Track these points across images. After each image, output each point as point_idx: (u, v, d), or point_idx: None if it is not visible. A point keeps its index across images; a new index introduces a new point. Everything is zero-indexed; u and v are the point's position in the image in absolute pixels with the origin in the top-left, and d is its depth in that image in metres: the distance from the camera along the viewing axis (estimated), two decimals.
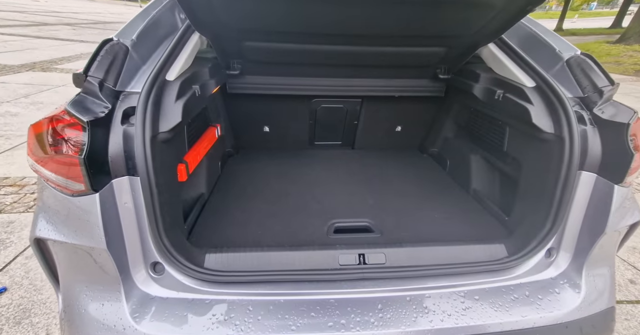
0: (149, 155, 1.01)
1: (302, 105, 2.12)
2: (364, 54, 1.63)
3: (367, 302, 1.13)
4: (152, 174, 1.02)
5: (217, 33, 1.42)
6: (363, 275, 1.17)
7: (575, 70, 1.25)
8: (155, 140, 1.06)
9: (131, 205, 1.03)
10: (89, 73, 0.99)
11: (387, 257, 1.24)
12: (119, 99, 1.06)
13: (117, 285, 1.01)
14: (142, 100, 1.02)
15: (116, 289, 1.01)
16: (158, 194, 1.04)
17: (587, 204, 1.17)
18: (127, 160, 1.00)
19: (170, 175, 1.18)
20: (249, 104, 2.10)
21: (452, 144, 2.08)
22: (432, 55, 1.67)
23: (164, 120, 1.10)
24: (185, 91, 1.24)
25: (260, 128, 2.26)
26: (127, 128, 1.02)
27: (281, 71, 1.85)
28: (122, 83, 1.08)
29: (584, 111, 1.18)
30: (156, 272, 1.11)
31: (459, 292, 1.18)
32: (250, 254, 1.22)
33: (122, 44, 1.12)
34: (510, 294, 1.17)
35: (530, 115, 1.25)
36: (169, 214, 1.12)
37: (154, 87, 1.08)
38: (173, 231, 1.15)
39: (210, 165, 1.80)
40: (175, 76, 1.21)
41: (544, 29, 1.45)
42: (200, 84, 1.37)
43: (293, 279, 1.16)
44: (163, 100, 1.13)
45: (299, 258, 1.23)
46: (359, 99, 2.13)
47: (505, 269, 1.23)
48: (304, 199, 1.72)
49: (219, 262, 1.19)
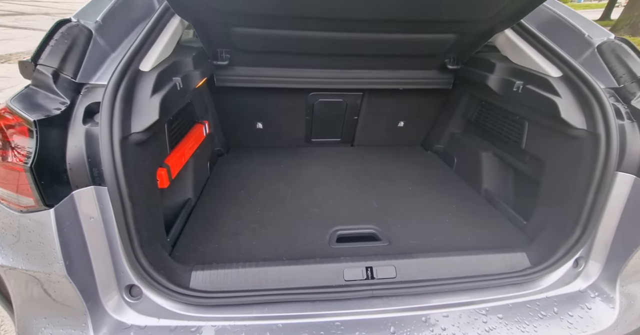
0: (118, 161, 0.84)
1: (298, 100, 1.95)
2: (366, 42, 1.46)
3: (378, 324, 1.00)
4: (124, 182, 0.85)
5: (200, 16, 1.24)
6: (372, 293, 1.04)
7: (608, 58, 1.11)
8: (127, 143, 0.89)
9: (99, 221, 0.87)
10: (40, 61, 0.81)
11: (398, 270, 1.10)
12: (80, 93, 0.88)
13: (83, 316, 0.85)
14: (109, 94, 0.85)
15: (82, 321, 0.85)
16: (132, 205, 0.87)
17: (623, 209, 1.04)
18: (91, 167, 0.83)
19: (147, 183, 1.01)
20: (240, 98, 1.92)
21: (460, 140, 1.95)
22: (441, 43, 1.51)
23: (137, 119, 0.93)
24: (163, 84, 1.06)
25: (252, 124, 2.09)
26: (90, 128, 0.84)
27: (275, 62, 1.67)
28: (84, 74, 0.90)
29: (620, 104, 1.05)
30: (132, 297, 0.95)
31: (479, 310, 1.05)
32: (243, 270, 1.07)
33: (83, 26, 0.94)
34: (537, 310, 1.04)
35: (558, 109, 1.11)
36: (146, 227, 0.96)
37: (125, 78, 0.91)
38: (152, 247, 0.98)
39: (198, 167, 1.63)
40: (151, 66, 1.03)
41: (570, 11, 1.30)
42: (182, 75, 1.19)
43: (293, 299, 1.02)
44: (136, 95, 0.95)
45: (299, 273, 1.08)
46: (360, 92, 1.97)
47: (529, 281, 1.11)
48: (302, 203, 1.57)
49: (208, 280, 1.04)
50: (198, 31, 1.34)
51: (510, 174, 1.57)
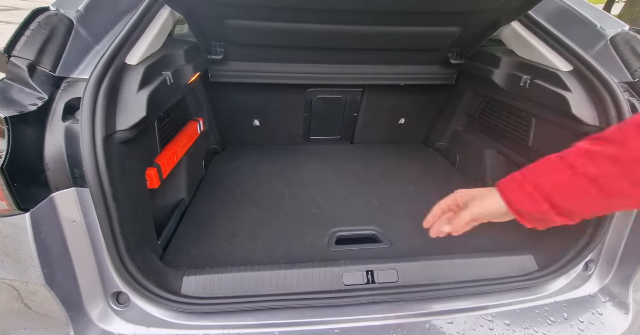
0: (101, 161, 0.78)
1: (297, 96, 1.89)
2: (366, 36, 1.40)
3: (379, 331, 0.95)
4: (107, 183, 0.79)
5: (191, 8, 1.17)
6: (373, 298, 0.99)
7: (622, 50, 1.05)
8: (111, 141, 0.83)
9: (82, 225, 0.81)
10: (14, 53, 0.75)
11: (400, 274, 1.05)
12: (60, 88, 0.82)
13: (66, 326, 0.80)
14: (91, 88, 0.79)
15: (64, 331, 0.80)
16: (117, 208, 0.82)
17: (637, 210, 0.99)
18: (72, 167, 0.78)
19: (135, 184, 0.95)
20: (236, 94, 1.85)
21: (463, 138, 1.89)
22: (445, 36, 1.45)
23: (122, 116, 0.87)
24: (152, 78, 1.00)
25: (249, 122, 2.02)
26: (71, 126, 0.79)
27: (271, 56, 1.60)
28: (65, 67, 0.84)
29: (636, 99, 0.99)
30: (120, 304, 0.90)
31: (486, 316, 1.00)
32: (239, 274, 1.01)
33: (63, 16, 0.87)
34: (546, 316, 1.00)
35: (569, 104, 1.06)
36: (134, 231, 0.90)
37: (109, 72, 0.85)
38: (141, 251, 0.93)
39: (192, 166, 1.57)
40: (139, 60, 0.97)
41: (581, 2, 1.24)
42: (173, 70, 1.13)
43: (290, 306, 0.97)
44: (122, 90, 0.89)
45: (296, 278, 1.03)
46: (360, 89, 1.91)
47: (537, 285, 1.06)
48: (300, 203, 1.51)
49: (200, 286, 0.99)
50: (190, 24, 1.27)
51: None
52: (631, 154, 0.49)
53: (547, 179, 0.56)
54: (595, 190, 0.52)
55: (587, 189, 0.52)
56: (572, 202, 0.55)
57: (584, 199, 0.54)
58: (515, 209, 0.59)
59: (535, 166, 0.60)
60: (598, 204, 0.54)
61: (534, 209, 0.57)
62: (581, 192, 0.53)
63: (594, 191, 0.52)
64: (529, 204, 0.57)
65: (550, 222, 0.58)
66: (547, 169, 0.58)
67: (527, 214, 0.58)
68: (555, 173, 0.56)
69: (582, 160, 0.54)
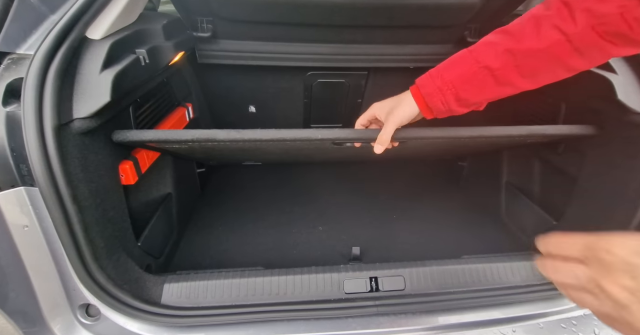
0: (53, 155, 0.65)
1: (295, 80, 1.73)
2: (372, 9, 1.23)
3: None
4: (63, 182, 0.67)
5: None
6: (377, 310, 0.88)
7: None
8: (67, 132, 0.69)
9: (36, 230, 0.69)
10: None
11: (407, 281, 0.94)
12: (0, 65, 0.68)
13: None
14: (37, 65, 0.65)
15: None
16: (79, 210, 0.70)
17: None
18: (18, 163, 0.65)
19: (103, 180, 0.82)
20: (229, 77, 1.69)
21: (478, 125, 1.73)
22: (464, 9, 1.27)
23: (81, 101, 0.73)
24: (119, 56, 0.85)
25: (244, 108, 1.87)
26: (14, 112, 0.65)
27: (266, 34, 1.43)
28: (7, 41, 0.70)
29: None
30: (90, 316, 0.80)
31: (504, 330, 0.89)
32: (226, 281, 0.90)
33: None
34: (574, 331, 0.88)
35: (614, 88, 0.90)
36: (104, 235, 0.78)
37: (62, 46, 0.70)
38: (112, 257, 0.82)
39: None
40: (104, 34, 0.82)
41: None
42: (148, 47, 0.97)
43: (283, 317, 0.86)
44: (80, 69, 0.75)
45: (291, 284, 0.92)
46: (364, 72, 1.74)
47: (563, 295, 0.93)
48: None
49: (183, 294, 0.88)
50: None
51: (537, 165, 1.37)
52: (523, 47, 0.57)
53: (455, 72, 0.64)
54: (491, 80, 0.61)
55: (486, 80, 0.61)
56: (473, 92, 0.64)
57: (483, 89, 0.63)
58: (425, 106, 0.70)
59: (449, 59, 0.68)
60: (491, 92, 0.63)
61: (440, 102, 0.66)
62: (481, 82, 0.62)
63: (491, 81, 0.61)
64: (437, 98, 0.66)
65: (450, 112, 0.68)
66: (457, 62, 0.66)
67: (434, 108, 0.69)
68: (463, 65, 0.64)
69: (485, 49, 0.61)
